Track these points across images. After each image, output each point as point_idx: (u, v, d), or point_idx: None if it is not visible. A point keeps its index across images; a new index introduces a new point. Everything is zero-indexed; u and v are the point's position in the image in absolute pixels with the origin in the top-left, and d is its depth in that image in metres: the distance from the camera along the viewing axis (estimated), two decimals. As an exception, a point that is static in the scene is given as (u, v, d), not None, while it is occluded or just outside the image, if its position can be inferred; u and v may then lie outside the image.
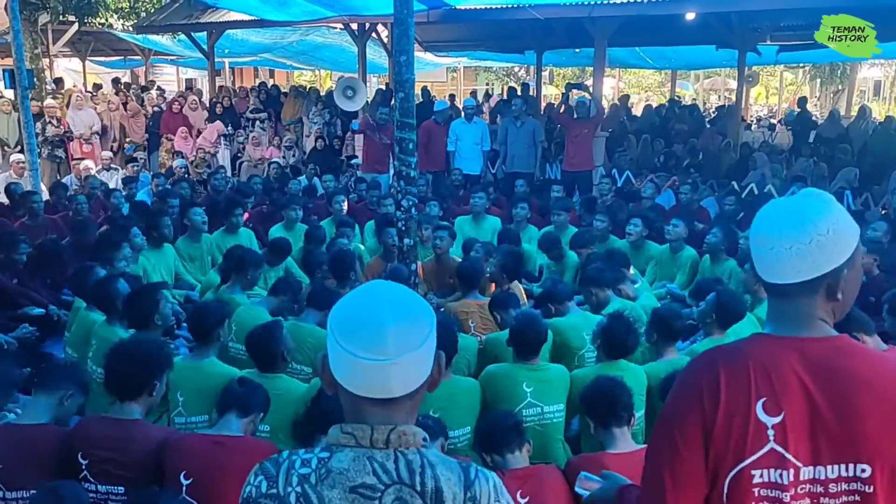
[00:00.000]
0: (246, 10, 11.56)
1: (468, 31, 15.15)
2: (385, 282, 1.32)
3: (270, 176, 9.70)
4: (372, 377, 1.21)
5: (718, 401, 1.40)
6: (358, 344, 1.20)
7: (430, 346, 1.25)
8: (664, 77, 28.92)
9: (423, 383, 1.26)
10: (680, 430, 1.43)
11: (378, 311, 1.22)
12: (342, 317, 1.24)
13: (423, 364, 1.25)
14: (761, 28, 12.26)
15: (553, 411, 3.40)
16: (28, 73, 8.30)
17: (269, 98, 14.11)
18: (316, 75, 29.10)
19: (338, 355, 1.22)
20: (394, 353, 1.19)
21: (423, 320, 1.24)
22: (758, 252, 1.46)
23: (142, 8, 17.73)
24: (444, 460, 1.26)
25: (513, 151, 9.60)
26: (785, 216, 1.43)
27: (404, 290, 1.29)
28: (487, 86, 33.11)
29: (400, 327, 1.21)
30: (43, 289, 5.43)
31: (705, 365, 1.46)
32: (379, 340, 1.19)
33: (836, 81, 28.51)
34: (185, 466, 2.67)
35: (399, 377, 1.22)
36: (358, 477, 1.20)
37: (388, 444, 1.22)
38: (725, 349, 1.50)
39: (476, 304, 4.75)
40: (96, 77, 21.49)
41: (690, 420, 1.42)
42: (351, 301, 1.26)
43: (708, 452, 1.41)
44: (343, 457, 1.22)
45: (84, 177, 9.41)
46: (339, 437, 1.24)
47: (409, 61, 4.57)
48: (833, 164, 10.22)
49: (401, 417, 1.24)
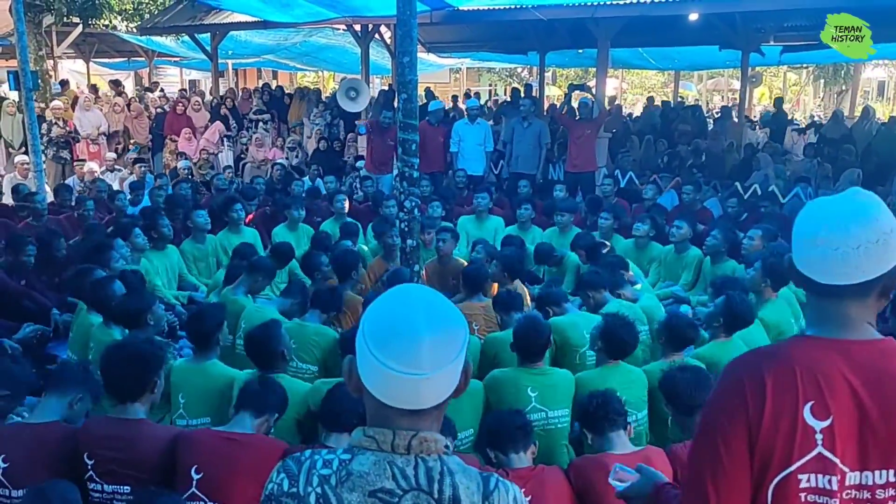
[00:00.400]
0: (249, 11, 11.57)
1: (471, 32, 15.15)
2: (421, 288, 1.29)
3: (273, 177, 9.71)
4: (403, 390, 1.20)
5: (764, 405, 1.37)
6: (392, 356, 1.18)
7: (461, 359, 1.24)
8: (667, 78, 28.90)
9: (451, 394, 1.25)
10: (723, 437, 1.40)
11: (414, 323, 1.19)
12: (377, 325, 1.22)
13: (455, 375, 1.24)
14: (765, 29, 12.24)
15: (558, 416, 3.40)
16: (32, 74, 8.32)
17: (272, 99, 14.13)
18: (319, 76, 29.14)
19: (369, 364, 1.21)
20: (428, 369, 1.18)
21: (458, 333, 1.23)
22: (814, 254, 1.40)
23: (145, 9, 17.77)
24: (464, 469, 1.24)
25: (518, 152, 9.60)
26: (849, 216, 1.37)
27: (440, 299, 1.26)
28: (490, 87, 33.12)
29: (436, 342, 1.19)
30: (48, 290, 5.45)
31: (749, 369, 1.42)
32: (414, 354, 1.17)
33: (839, 82, 28.46)
34: (196, 461, 2.68)
35: (431, 391, 1.21)
36: (378, 481, 1.20)
37: (409, 450, 1.21)
38: (767, 352, 1.47)
39: (480, 306, 4.76)
40: (100, 79, 21.52)
41: (735, 427, 1.39)
42: (386, 309, 1.23)
43: (753, 459, 1.38)
44: (364, 460, 1.22)
45: (91, 179, 9.45)
46: (361, 440, 1.24)
47: (412, 62, 4.57)
48: (837, 165, 10.20)
49: (425, 425, 1.24)
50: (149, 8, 17.81)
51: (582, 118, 9.33)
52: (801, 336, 1.45)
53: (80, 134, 11.53)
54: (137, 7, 17.77)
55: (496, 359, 3.94)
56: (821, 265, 1.40)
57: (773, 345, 1.50)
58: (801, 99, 33.53)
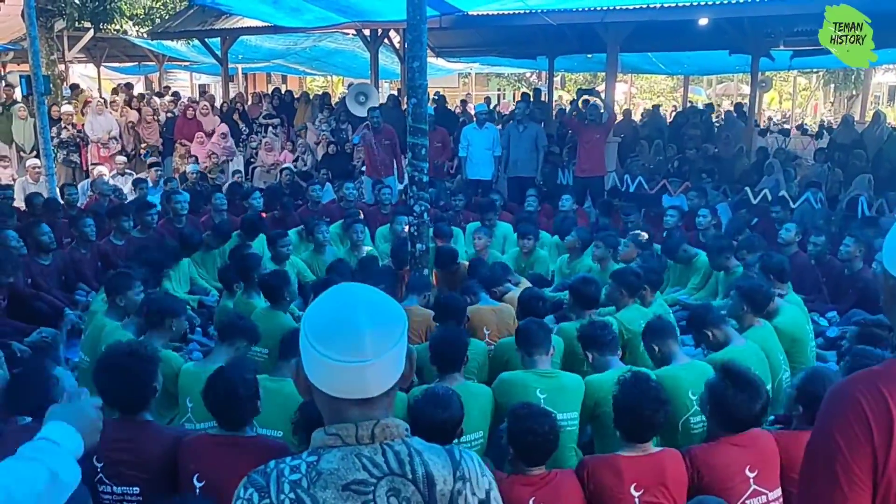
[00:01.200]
0: (259, 16, 11.63)
1: (480, 37, 15.17)
2: (354, 283, 1.34)
3: (283, 182, 9.74)
4: (350, 379, 1.22)
5: (892, 426, 1.30)
6: (334, 347, 1.21)
7: (403, 345, 1.27)
8: (676, 82, 28.85)
9: (397, 380, 1.28)
10: (844, 467, 1.33)
11: (353, 314, 1.23)
12: (317, 321, 1.25)
13: (398, 362, 1.27)
14: (775, 33, 12.20)
15: (566, 419, 3.38)
16: (45, 78, 8.39)
17: (282, 104, 14.18)
18: (328, 81, 29.22)
19: (314, 359, 1.23)
20: (371, 355, 1.21)
21: (397, 320, 1.27)
22: None
23: (156, 14, 17.89)
24: (429, 447, 1.28)
25: (515, 156, 9.60)
26: None
27: (374, 290, 1.31)
28: (499, 91, 33.14)
29: (376, 329, 1.22)
30: (57, 289, 5.48)
31: (867, 390, 1.34)
32: (357, 343, 1.21)
33: (850, 87, 28.35)
34: (198, 469, 2.69)
35: (376, 377, 1.24)
36: (349, 474, 1.21)
37: (373, 439, 1.24)
38: (881, 372, 1.38)
39: (491, 310, 4.73)
40: (110, 83, 21.65)
41: (858, 455, 1.32)
42: (324, 305, 1.28)
43: (877, 487, 1.32)
44: (331, 457, 1.23)
45: (92, 181, 9.50)
46: (324, 440, 1.25)
47: (422, 67, 4.59)
48: (848, 171, 10.15)
49: (379, 413, 1.26)
50: (160, 13, 17.95)
51: (591, 123, 9.32)
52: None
53: (91, 138, 11.59)
54: (148, 12, 17.91)
55: (508, 364, 3.93)
56: None
57: (884, 365, 1.40)
58: (812, 104, 33.40)
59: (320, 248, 6.67)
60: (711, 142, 12.41)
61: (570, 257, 6.37)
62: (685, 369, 3.54)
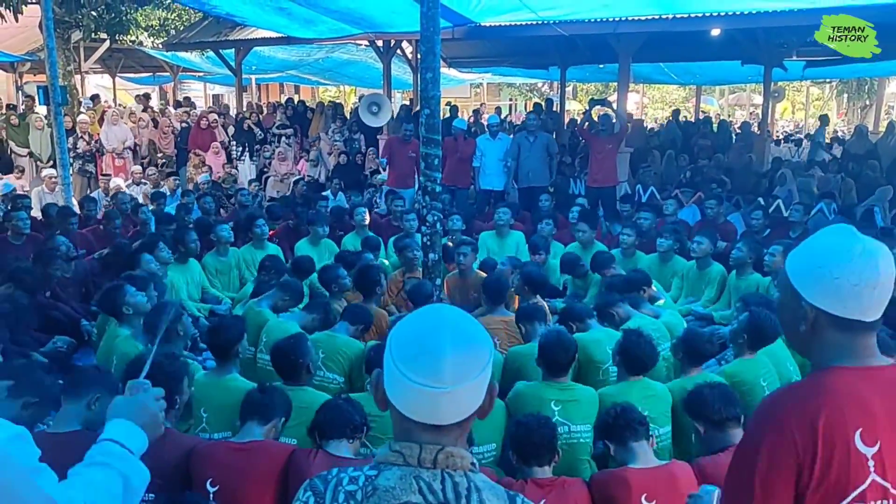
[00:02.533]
0: (273, 27, 11.71)
1: (492, 48, 15.22)
2: (449, 307, 1.32)
3: (297, 192, 9.79)
4: (424, 403, 1.21)
5: (816, 441, 1.36)
6: (415, 369, 1.20)
7: (485, 377, 1.24)
8: (688, 92, 28.82)
9: (474, 412, 1.25)
10: (762, 481, 1.39)
11: (439, 338, 1.21)
12: (403, 339, 1.24)
13: (477, 394, 1.24)
14: (788, 43, 12.18)
15: (580, 431, 3.38)
16: (61, 89, 8.48)
17: (295, 114, 14.27)
18: (340, 91, 29.38)
19: (393, 376, 1.22)
20: (449, 383, 1.19)
21: (482, 351, 1.24)
22: (855, 293, 1.42)
23: (171, 26, 18.06)
24: (491, 486, 1.25)
25: (528, 166, 9.61)
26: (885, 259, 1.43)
27: (467, 317, 1.28)
28: (511, 101, 33.20)
29: (459, 357, 1.20)
30: (74, 300, 5.53)
31: (793, 407, 1.41)
32: (436, 368, 1.19)
33: (863, 97, 28.22)
34: (211, 474, 2.72)
35: (451, 406, 1.21)
36: (403, 495, 1.20)
37: (435, 465, 1.22)
38: (804, 385, 1.48)
39: (502, 320, 4.74)
40: (125, 93, 21.88)
41: (780, 470, 1.38)
42: (414, 323, 1.26)
43: (804, 500, 1.37)
44: (390, 475, 1.22)
45: (112, 193, 9.58)
46: (387, 456, 1.24)
47: (436, 78, 4.61)
48: (861, 181, 10.10)
49: (448, 441, 1.24)
50: (174, 24, 18.11)
51: (603, 133, 9.33)
52: (837, 367, 1.45)
53: (106, 147, 11.71)
54: (163, 23, 18.08)
55: (519, 373, 3.93)
56: (855, 303, 1.42)
57: (807, 380, 1.49)
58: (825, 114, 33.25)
59: (318, 239, 6.86)
60: (725, 152, 12.38)
61: None
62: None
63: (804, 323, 1.46)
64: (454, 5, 8.43)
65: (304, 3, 9.11)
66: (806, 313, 1.46)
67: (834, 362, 1.45)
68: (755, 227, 7.47)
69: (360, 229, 7.39)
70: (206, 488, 2.70)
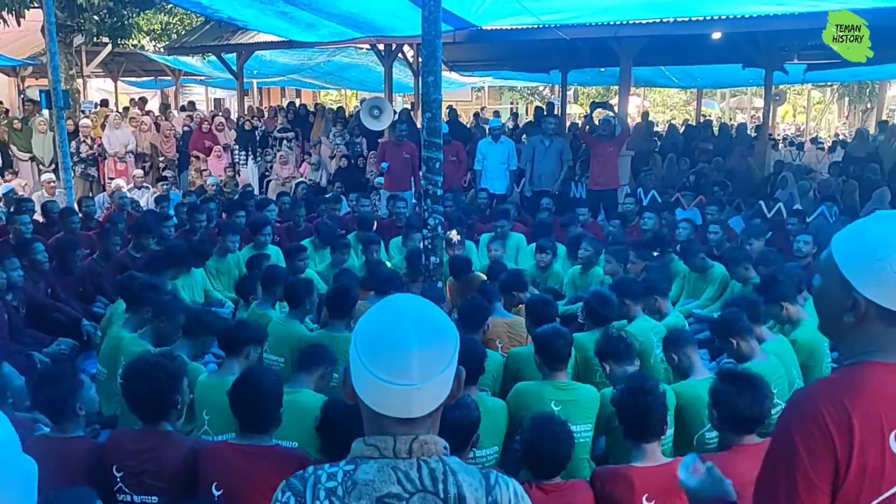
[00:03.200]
0: (275, 31, 11.74)
1: (494, 51, 15.24)
2: (411, 298, 1.31)
3: (297, 195, 9.81)
4: (394, 399, 1.22)
5: (852, 439, 1.33)
6: (382, 367, 1.21)
7: (452, 368, 1.25)
8: (689, 96, 28.84)
9: (444, 401, 1.27)
10: (804, 474, 1.35)
11: (404, 335, 1.21)
12: (367, 336, 1.25)
13: (446, 385, 1.26)
14: (789, 47, 12.20)
15: (580, 431, 3.38)
16: (64, 93, 8.50)
17: (296, 118, 14.29)
18: (341, 95, 29.42)
19: (361, 374, 1.23)
20: (418, 379, 1.20)
21: (448, 343, 1.25)
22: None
23: (173, 30, 18.10)
24: (465, 467, 1.27)
25: (541, 170, 9.63)
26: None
27: (429, 308, 1.29)
28: (512, 105, 33.23)
29: (426, 352, 1.21)
30: (75, 300, 5.54)
31: (829, 403, 1.36)
32: (404, 366, 1.20)
33: (864, 100, 28.22)
34: (217, 478, 2.71)
35: (421, 400, 1.23)
36: (384, 487, 1.22)
37: (410, 454, 1.24)
38: (842, 382, 1.41)
39: (504, 322, 4.74)
40: (127, 97, 21.90)
41: (818, 463, 1.35)
42: (377, 319, 1.26)
43: (835, 496, 1.35)
44: (368, 468, 1.24)
45: (111, 193, 9.62)
46: (363, 450, 1.26)
47: (437, 81, 4.63)
48: (863, 184, 10.10)
49: (421, 431, 1.26)
50: (176, 28, 18.15)
51: (604, 136, 9.34)
52: (871, 362, 1.39)
53: (108, 151, 11.73)
54: (165, 28, 18.11)
55: (519, 374, 3.94)
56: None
57: (842, 374, 1.43)
58: (826, 117, 33.27)
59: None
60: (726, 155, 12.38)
61: (581, 270, 6.38)
62: (704, 385, 3.52)
63: (852, 314, 1.39)
64: (455, 9, 8.45)
65: (305, 7, 9.14)
66: (857, 304, 1.38)
67: (870, 357, 1.39)
68: (754, 231, 7.47)
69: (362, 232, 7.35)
70: (211, 491, 2.70)
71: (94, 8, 14.22)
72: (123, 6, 14.99)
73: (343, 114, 14.62)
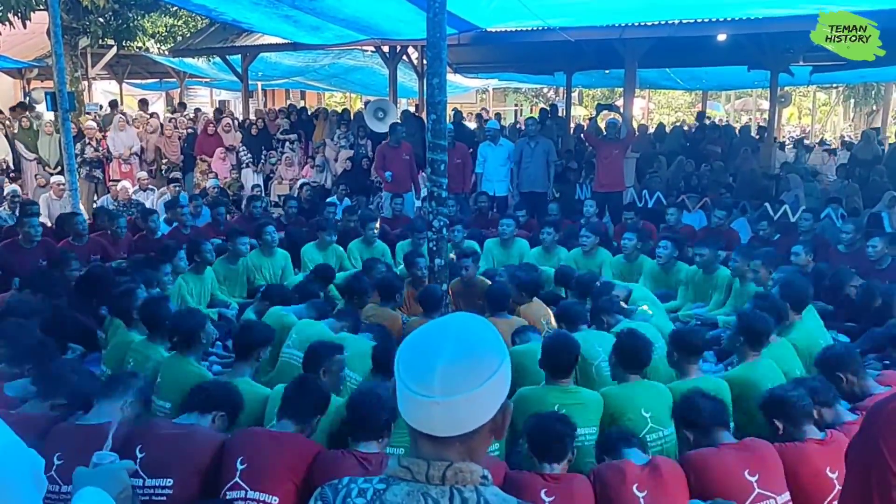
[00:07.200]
0: (280, 33, 11.76)
1: (498, 53, 15.24)
2: (468, 315, 1.28)
3: (302, 197, 9.83)
4: (416, 411, 1.19)
5: None
6: (408, 375, 1.19)
7: (489, 391, 1.18)
8: (694, 98, 28.83)
9: (479, 428, 1.20)
10: (880, 489, 1.37)
11: (437, 347, 1.19)
12: (408, 345, 1.24)
13: (478, 407, 1.19)
14: (794, 49, 12.16)
15: (585, 434, 3.38)
16: (69, 95, 8.51)
17: (299, 120, 14.30)
18: (346, 97, 29.46)
19: (397, 381, 1.22)
20: (438, 392, 1.16)
21: (485, 363, 1.19)
22: None
23: (178, 32, 18.13)
24: (503, 499, 1.22)
25: (528, 171, 9.64)
26: None
27: (479, 328, 1.24)
28: (516, 106, 33.24)
29: (452, 367, 1.16)
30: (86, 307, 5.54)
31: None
32: (426, 377, 1.17)
33: (870, 102, 28.15)
34: (243, 453, 2.84)
35: (443, 417, 1.18)
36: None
37: (443, 481, 1.19)
38: None
39: (505, 323, 4.74)
40: (132, 99, 21.96)
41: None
42: (422, 331, 1.25)
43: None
44: (398, 490, 1.21)
45: (126, 199, 9.65)
46: (396, 470, 1.23)
47: (442, 84, 4.63)
48: (868, 186, 10.06)
49: (454, 457, 1.21)
50: (181, 30, 18.18)
51: (609, 138, 9.32)
52: None
53: (113, 154, 11.75)
54: (170, 30, 18.14)
55: (518, 372, 3.91)
56: None
57: None
58: (831, 119, 33.19)
59: (325, 245, 6.99)
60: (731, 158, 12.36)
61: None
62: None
63: None
64: (460, 11, 8.45)
65: (310, 11, 9.15)
66: None
67: None
68: (762, 236, 7.45)
69: (368, 240, 7.34)
70: (234, 465, 2.80)
71: (100, 10, 14.23)
72: (129, 9, 15.02)
73: (348, 115, 14.63)
